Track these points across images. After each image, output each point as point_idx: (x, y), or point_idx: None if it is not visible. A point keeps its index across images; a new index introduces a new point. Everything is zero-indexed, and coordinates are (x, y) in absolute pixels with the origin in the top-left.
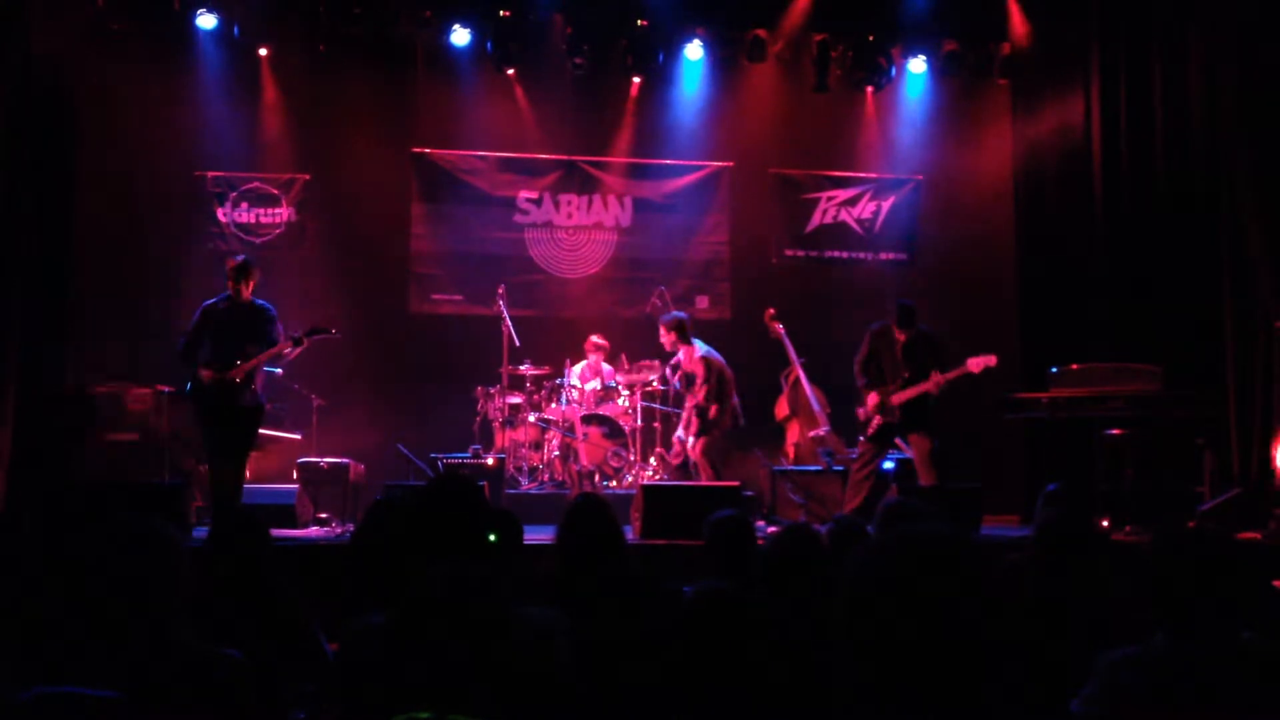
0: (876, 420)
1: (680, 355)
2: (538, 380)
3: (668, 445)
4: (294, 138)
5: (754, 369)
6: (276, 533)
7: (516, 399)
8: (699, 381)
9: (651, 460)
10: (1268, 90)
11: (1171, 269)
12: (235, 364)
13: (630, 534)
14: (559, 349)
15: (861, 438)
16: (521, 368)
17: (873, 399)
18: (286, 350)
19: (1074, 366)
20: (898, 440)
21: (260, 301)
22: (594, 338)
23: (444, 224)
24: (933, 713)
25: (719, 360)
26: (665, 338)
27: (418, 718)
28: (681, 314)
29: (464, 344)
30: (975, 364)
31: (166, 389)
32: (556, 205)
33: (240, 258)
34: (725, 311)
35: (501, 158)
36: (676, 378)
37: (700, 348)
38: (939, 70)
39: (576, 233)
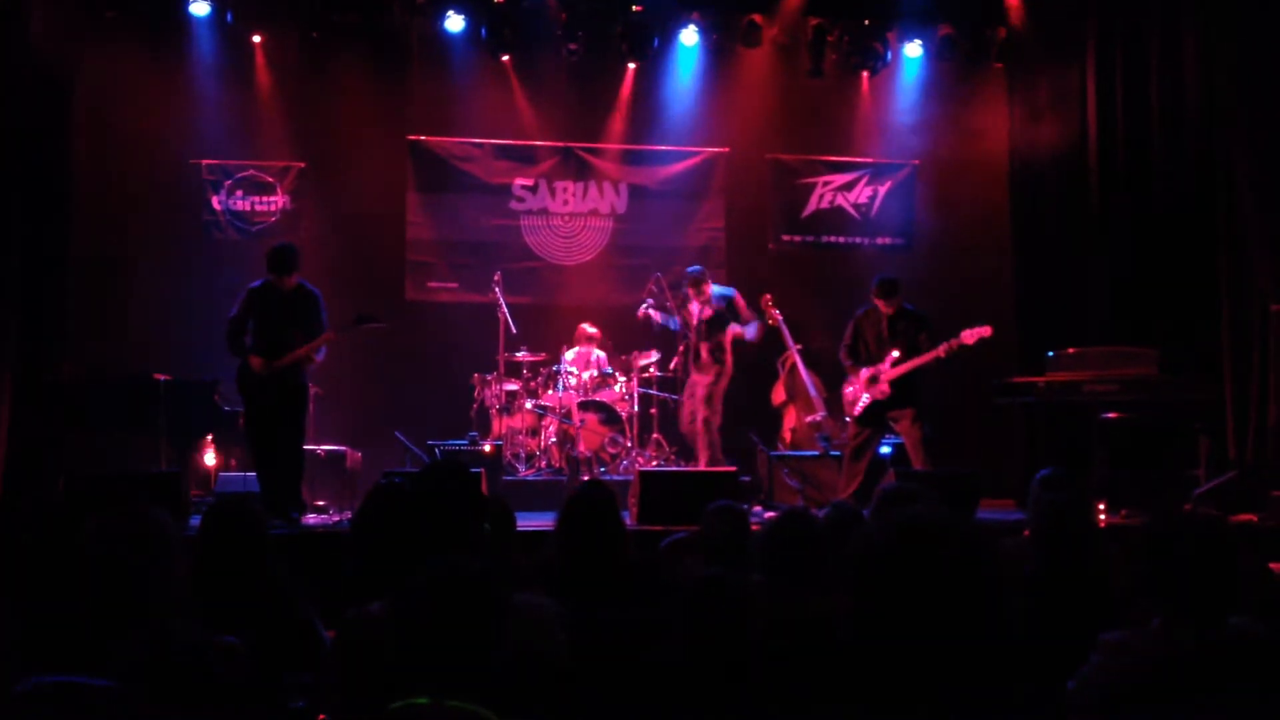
0: (864, 399)
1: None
2: (534, 367)
3: (665, 431)
4: (288, 125)
5: (750, 355)
6: (274, 520)
7: (513, 386)
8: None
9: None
10: (1265, 73)
11: (1168, 253)
12: (284, 350)
13: (627, 520)
14: (555, 336)
15: (849, 419)
16: (518, 355)
17: (864, 374)
18: (331, 338)
19: (1071, 350)
20: (889, 420)
21: (308, 285)
22: (585, 326)
23: (440, 212)
24: (934, 692)
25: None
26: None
27: (416, 704)
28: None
29: (460, 331)
30: (970, 335)
31: (163, 377)
32: (552, 192)
33: (280, 244)
34: None
35: (497, 145)
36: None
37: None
38: (935, 54)
39: (572, 220)
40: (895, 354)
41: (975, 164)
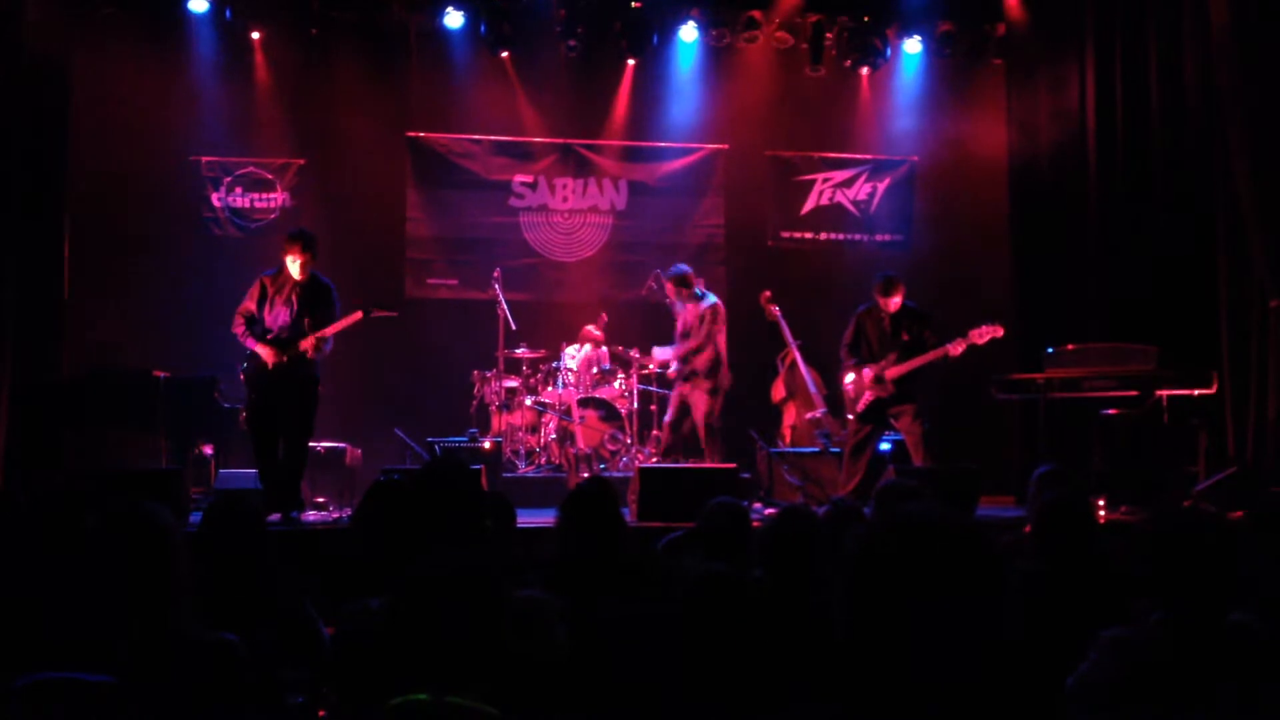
0: (867, 396)
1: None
2: (534, 364)
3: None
4: (288, 122)
5: (750, 352)
6: (273, 517)
7: (513, 383)
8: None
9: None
10: (1264, 68)
11: (1167, 248)
12: (296, 338)
13: (626, 517)
14: (555, 332)
15: (850, 416)
16: (517, 351)
17: (868, 373)
18: (349, 324)
19: (1070, 347)
20: (890, 418)
21: (321, 277)
22: (590, 328)
23: (439, 208)
24: (931, 691)
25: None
26: (671, 292)
27: (415, 700)
28: (685, 267)
29: (460, 328)
30: (979, 335)
31: (162, 374)
32: (551, 189)
33: (297, 229)
34: (721, 294)
35: (496, 141)
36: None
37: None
38: (934, 51)
39: (571, 216)
40: (893, 355)
41: (974, 160)
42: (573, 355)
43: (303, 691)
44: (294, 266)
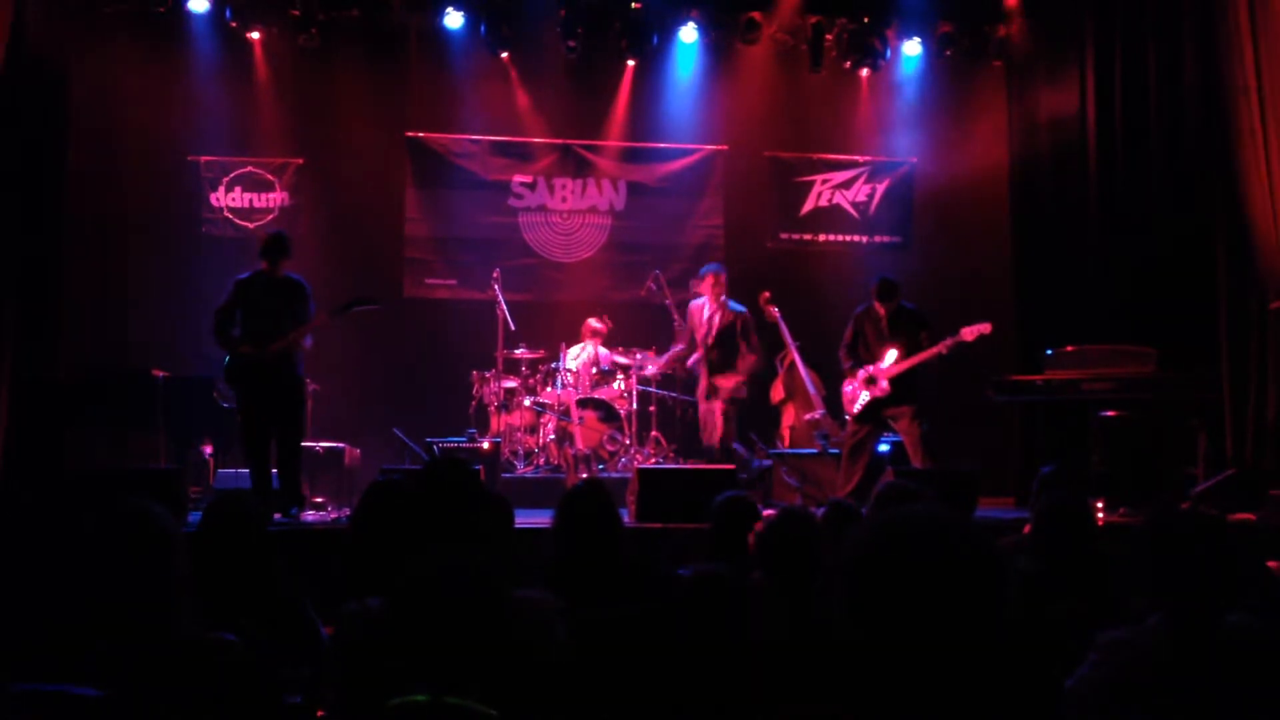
0: (864, 397)
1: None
2: (533, 364)
3: (663, 429)
4: (287, 122)
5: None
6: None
7: (512, 383)
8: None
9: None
10: (1263, 69)
11: (1167, 250)
12: (274, 338)
13: (625, 517)
14: (554, 333)
15: (848, 417)
16: (516, 352)
17: (864, 372)
18: (324, 322)
19: (1069, 348)
20: (887, 418)
21: (295, 276)
22: (591, 321)
23: (438, 208)
24: (930, 692)
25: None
26: (713, 287)
27: (414, 700)
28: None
29: (459, 328)
30: (969, 332)
31: (161, 374)
32: (551, 189)
33: (272, 231)
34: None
35: (495, 141)
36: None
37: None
38: (934, 52)
39: (571, 217)
40: (893, 354)
41: (974, 162)
42: (575, 355)
43: (302, 691)
44: (270, 269)
